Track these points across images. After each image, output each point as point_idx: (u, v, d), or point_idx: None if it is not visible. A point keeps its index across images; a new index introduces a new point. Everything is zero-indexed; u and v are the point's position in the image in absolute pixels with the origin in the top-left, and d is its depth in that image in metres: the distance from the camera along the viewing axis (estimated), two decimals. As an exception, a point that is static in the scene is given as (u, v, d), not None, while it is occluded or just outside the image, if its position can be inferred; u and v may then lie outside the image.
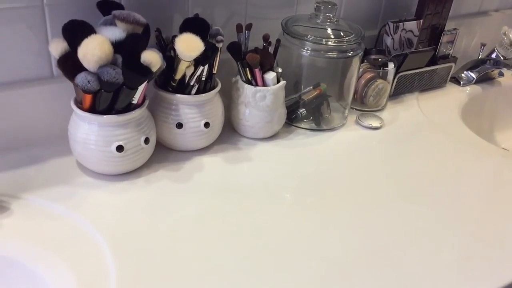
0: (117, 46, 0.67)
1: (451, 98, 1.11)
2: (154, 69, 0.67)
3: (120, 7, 0.74)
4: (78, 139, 0.70)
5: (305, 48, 0.87)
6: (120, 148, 0.70)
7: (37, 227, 0.64)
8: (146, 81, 0.69)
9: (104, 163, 0.71)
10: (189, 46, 0.71)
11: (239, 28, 0.83)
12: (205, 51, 0.72)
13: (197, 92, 0.77)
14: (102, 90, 0.66)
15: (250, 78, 0.83)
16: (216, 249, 0.63)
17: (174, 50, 0.72)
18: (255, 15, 0.93)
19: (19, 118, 0.75)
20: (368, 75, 1.00)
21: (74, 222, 0.65)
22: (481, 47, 1.18)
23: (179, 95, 0.76)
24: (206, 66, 0.76)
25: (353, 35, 0.88)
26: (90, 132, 0.69)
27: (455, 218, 0.72)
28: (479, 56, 1.18)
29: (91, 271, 0.58)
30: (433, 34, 1.11)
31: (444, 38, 1.10)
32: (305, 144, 0.89)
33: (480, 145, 0.93)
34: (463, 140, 0.94)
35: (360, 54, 0.90)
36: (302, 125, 0.93)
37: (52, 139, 0.78)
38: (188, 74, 0.75)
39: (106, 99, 0.67)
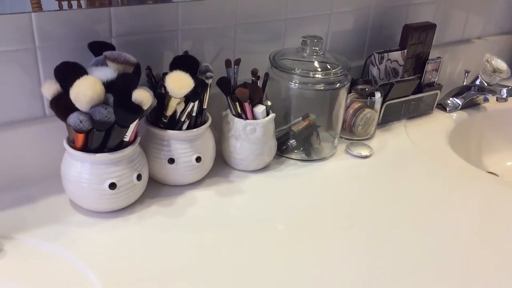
0: (108, 85, 0.68)
1: (438, 124, 1.13)
2: (145, 107, 0.69)
3: (111, 47, 0.75)
4: (71, 178, 0.71)
5: (293, 81, 0.89)
6: (112, 186, 0.70)
7: (30, 267, 0.63)
8: (137, 119, 0.70)
9: (97, 200, 0.72)
10: (179, 83, 0.73)
11: (228, 63, 0.85)
12: (195, 87, 0.74)
13: (188, 128, 0.78)
14: (94, 129, 0.67)
15: (240, 112, 0.84)
16: (211, 285, 0.63)
17: (165, 87, 0.74)
18: (243, 50, 0.95)
19: (11, 158, 0.76)
20: (356, 105, 1.02)
21: (68, 261, 0.65)
22: (465, 74, 1.21)
23: (170, 131, 0.77)
24: (197, 102, 0.77)
25: (340, 67, 0.90)
26: (83, 171, 0.70)
27: (446, 245, 0.73)
28: (463, 82, 1.21)
29: (85, 312, 0.58)
30: (418, 63, 1.13)
31: (428, 67, 1.13)
32: (296, 174, 0.90)
33: (468, 171, 0.95)
34: (451, 166, 0.96)
35: (347, 85, 0.92)
36: (293, 156, 0.94)
37: (44, 178, 0.78)
38: (179, 110, 0.76)
39: (98, 137, 0.68)
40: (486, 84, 1.18)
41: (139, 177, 0.73)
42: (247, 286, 0.63)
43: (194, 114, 0.78)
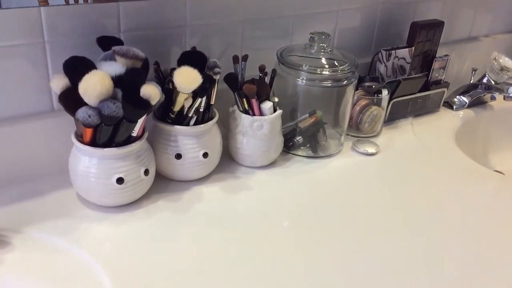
0: (117, 80, 0.68)
1: (445, 122, 1.13)
2: (153, 102, 0.69)
3: (119, 42, 0.75)
4: (79, 172, 0.71)
5: (301, 78, 0.89)
6: (120, 180, 0.70)
7: (38, 261, 0.64)
8: (145, 114, 0.70)
9: (105, 195, 0.72)
10: (187, 79, 0.73)
11: (235, 59, 0.85)
12: (203, 83, 0.74)
13: (196, 123, 0.78)
14: (103, 124, 0.67)
15: (247, 108, 0.84)
16: (216, 280, 0.63)
17: (173, 82, 0.74)
18: (251, 46, 0.95)
19: (19, 152, 0.76)
20: (363, 102, 1.01)
21: (75, 255, 0.65)
22: (472, 72, 1.20)
23: (178, 127, 0.78)
24: (204, 98, 0.77)
25: (347, 64, 0.90)
26: (91, 165, 0.70)
27: (452, 244, 0.73)
28: (470, 80, 1.20)
29: (93, 305, 0.58)
30: (425, 61, 1.13)
31: (436, 64, 1.12)
32: (302, 171, 0.90)
33: (475, 169, 0.94)
34: (457, 164, 0.96)
35: (354, 82, 0.92)
36: (299, 153, 0.94)
37: (52, 173, 0.79)
38: (187, 106, 0.76)
39: (107, 132, 0.68)
40: (493, 82, 1.18)
41: (146, 172, 0.73)
42: (252, 282, 0.63)
43: (201, 109, 0.78)
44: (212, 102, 0.80)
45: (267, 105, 0.84)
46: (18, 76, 0.73)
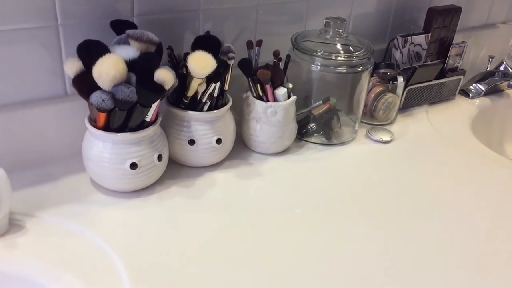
0: (130, 65, 0.67)
1: (461, 110, 1.11)
2: (167, 87, 0.68)
3: (133, 26, 0.75)
4: (92, 157, 0.71)
5: (315, 64, 0.88)
6: (133, 166, 0.70)
7: (51, 245, 0.64)
8: (159, 99, 0.70)
9: (118, 180, 0.72)
10: (201, 63, 0.72)
11: (249, 44, 0.84)
12: (217, 68, 0.73)
13: (209, 109, 0.78)
14: (116, 109, 0.67)
15: (261, 94, 0.83)
16: (229, 266, 0.63)
17: (186, 67, 0.73)
18: (265, 31, 0.94)
19: (33, 137, 0.76)
20: (378, 89, 1.00)
21: (89, 240, 0.65)
22: (489, 60, 1.18)
23: (191, 112, 0.77)
24: (218, 83, 0.76)
25: (363, 50, 0.89)
26: (104, 150, 0.70)
27: (469, 232, 0.72)
28: (487, 68, 1.18)
29: (107, 290, 0.58)
30: (442, 47, 1.11)
31: (452, 51, 1.10)
32: (315, 158, 0.89)
33: (491, 158, 0.93)
34: (473, 153, 0.94)
35: (369, 69, 0.91)
36: (313, 140, 0.93)
37: (65, 157, 0.78)
38: (200, 91, 0.76)
39: (120, 117, 0.68)
40: (510, 70, 1.16)
41: (159, 157, 0.73)
42: (264, 269, 0.63)
43: (215, 95, 0.77)
44: (226, 87, 0.79)
45: (281, 91, 0.83)
46: (31, 60, 0.73)
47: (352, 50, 0.89)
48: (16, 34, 0.70)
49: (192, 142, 0.78)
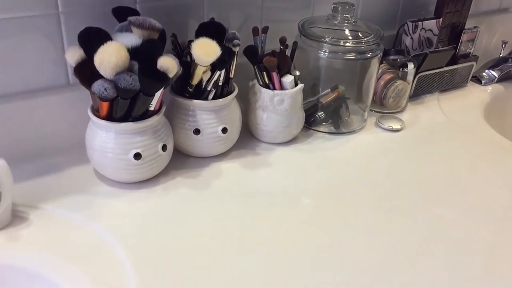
0: (133, 52, 0.66)
1: (473, 97, 1.09)
2: (171, 75, 0.66)
3: (135, 13, 0.73)
4: (96, 147, 0.70)
5: (323, 50, 0.86)
6: (137, 156, 0.69)
7: (55, 237, 0.63)
8: (163, 87, 0.68)
9: (122, 171, 0.70)
10: (205, 51, 0.70)
11: (255, 31, 0.82)
12: (221, 55, 0.71)
13: (214, 97, 0.76)
14: (119, 98, 0.65)
15: (267, 82, 0.82)
16: (236, 257, 0.62)
17: (191, 55, 0.72)
18: (271, 18, 0.92)
19: (35, 127, 0.75)
20: (387, 76, 0.98)
21: (93, 231, 0.64)
22: (502, 45, 1.16)
23: (196, 101, 0.75)
24: (223, 71, 0.74)
25: (372, 35, 0.86)
26: (108, 140, 0.68)
27: (481, 221, 0.70)
28: (500, 54, 1.16)
29: (110, 281, 0.57)
30: (453, 33, 1.08)
31: (464, 37, 1.08)
32: (324, 148, 0.87)
33: (505, 145, 0.91)
34: (486, 141, 0.92)
35: (379, 55, 0.88)
36: (321, 129, 0.92)
37: (69, 148, 0.77)
38: (205, 79, 0.74)
39: (123, 106, 0.67)
40: (524, 56, 1.13)
41: (164, 147, 0.72)
42: (271, 259, 0.62)
43: (220, 83, 0.76)
44: (231, 75, 0.78)
45: (288, 79, 0.81)
46: (33, 49, 0.71)
47: (361, 35, 0.87)
48: (17, 23, 0.69)
49: (197, 131, 0.76)
